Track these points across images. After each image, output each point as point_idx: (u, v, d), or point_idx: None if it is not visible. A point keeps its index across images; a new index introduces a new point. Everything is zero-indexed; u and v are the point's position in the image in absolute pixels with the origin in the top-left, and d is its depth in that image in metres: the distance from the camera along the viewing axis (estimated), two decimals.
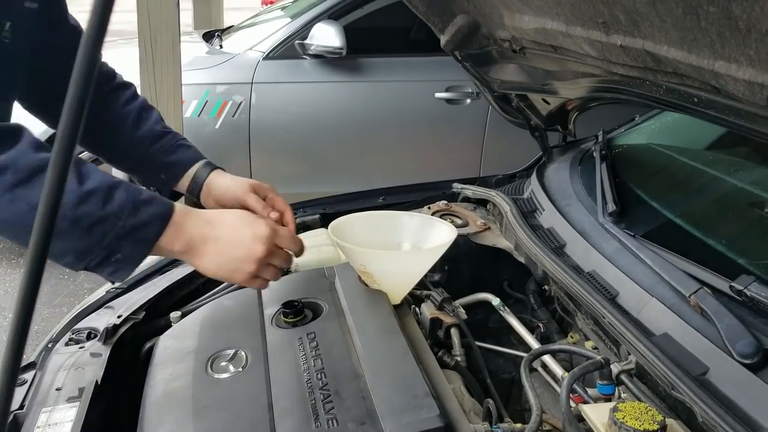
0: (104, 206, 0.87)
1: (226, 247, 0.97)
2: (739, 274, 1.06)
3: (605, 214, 1.42)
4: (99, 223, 0.87)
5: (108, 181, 0.89)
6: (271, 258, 1.01)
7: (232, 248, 0.97)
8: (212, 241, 0.96)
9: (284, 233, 1.04)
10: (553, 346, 1.23)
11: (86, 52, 0.33)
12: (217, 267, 0.98)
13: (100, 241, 0.88)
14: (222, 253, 0.97)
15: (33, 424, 1.05)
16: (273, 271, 1.04)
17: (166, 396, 1.03)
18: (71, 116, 0.34)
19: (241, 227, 0.99)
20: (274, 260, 1.03)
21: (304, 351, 1.11)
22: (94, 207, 0.86)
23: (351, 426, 0.92)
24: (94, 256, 0.90)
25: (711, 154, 1.72)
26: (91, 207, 0.86)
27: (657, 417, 0.86)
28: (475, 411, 1.12)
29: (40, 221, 0.35)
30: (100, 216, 0.87)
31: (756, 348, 0.95)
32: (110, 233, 0.88)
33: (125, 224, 0.89)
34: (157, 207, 0.92)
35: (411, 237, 1.36)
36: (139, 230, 0.90)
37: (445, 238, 1.27)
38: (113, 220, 0.88)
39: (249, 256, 0.98)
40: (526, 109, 1.81)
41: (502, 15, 1.28)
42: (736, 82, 0.79)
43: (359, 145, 3.74)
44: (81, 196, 0.86)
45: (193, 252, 0.96)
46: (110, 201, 0.87)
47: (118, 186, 0.89)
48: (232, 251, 0.97)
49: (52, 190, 0.35)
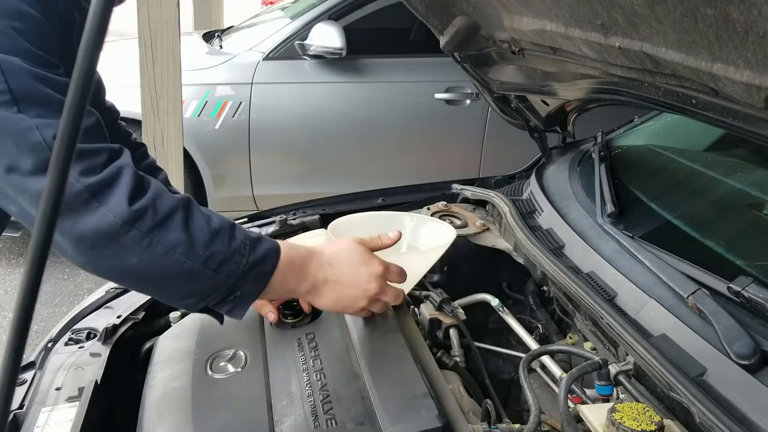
0: (230, 244, 0.88)
1: (344, 288, 1.03)
2: (737, 275, 1.06)
3: (604, 216, 1.42)
4: (227, 261, 0.88)
5: (225, 220, 0.91)
6: (381, 295, 1.06)
7: (349, 288, 1.03)
8: (332, 282, 1.02)
9: (395, 270, 1.08)
10: (552, 347, 1.23)
11: (85, 54, 0.33)
12: (333, 304, 1.05)
13: (227, 279, 0.89)
14: (339, 292, 1.03)
15: (33, 423, 1.05)
16: (381, 306, 1.10)
17: (165, 396, 1.04)
18: (72, 116, 0.34)
19: (358, 266, 1.03)
20: (384, 297, 1.08)
21: (303, 351, 1.11)
22: (222, 245, 0.87)
23: (350, 426, 0.92)
24: (217, 295, 0.91)
25: (709, 156, 1.72)
26: (219, 245, 0.87)
27: (655, 418, 0.86)
28: (473, 411, 1.12)
29: (40, 221, 0.35)
30: (227, 253, 0.88)
31: (753, 349, 0.95)
32: (236, 271, 0.89)
33: (248, 260, 0.90)
34: (267, 243, 0.94)
35: (410, 238, 1.36)
36: (258, 266, 0.92)
37: (444, 240, 1.28)
38: (238, 258, 0.89)
39: (363, 294, 1.04)
40: (525, 110, 1.81)
41: (501, 16, 1.28)
42: (733, 84, 0.79)
43: (359, 145, 3.74)
44: (211, 235, 0.87)
45: (315, 292, 1.02)
46: (234, 239, 0.89)
47: (234, 224, 0.91)
48: (349, 291, 1.03)
49: (53, 190, 0.35)
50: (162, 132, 2.84)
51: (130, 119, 3.23)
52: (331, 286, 1.01)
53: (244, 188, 3.66)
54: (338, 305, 1.05)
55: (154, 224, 0.82)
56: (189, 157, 3.42)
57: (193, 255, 0.84)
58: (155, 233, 0.82)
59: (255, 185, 3.66)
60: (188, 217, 0.85)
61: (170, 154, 2.88)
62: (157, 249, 0.82)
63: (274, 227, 1.76)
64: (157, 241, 0.82)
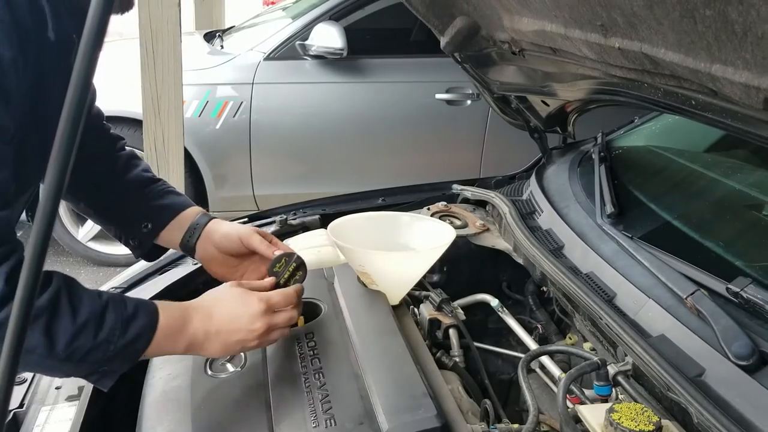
0: (96, 335, 0.86)
1: (228, 335, 0.99)
2: (735, 276, 1.06)
3: (604, 216, 1.42)
4: (92, 351, 0.87)
5: (98, 305, 0.88)
6: (272, 328, 1.03)
7: (234, 334, 1.00)
8: (215, 333, 0.98)
9: (278, 299, 1.04)
10: (551, 347, 1.23)
11: (84, 56, 0.33)
12: (222, 351, 1.02)
13: (91, 366, 0.89)
14: (225, 340, 1.00)
15: (33, 422, 1.06)
16: (279, 334, 1.06)
17: (164, 395, 1.04)
18: (68, 129, 0.35)
19: (236, 310, 1.00)
20: (277, 328, 1.05)
21: (302, 351, 1.11)
22: (86, 340, 0.86)
23: (349, 426, 0.92)
24: (81, 374, 0.91)
25: (709, 157, 1.72)
26: (83, 340, 0.85)
27: (653, 418, 0.87)
28: (473, 411, 1.12)
29: (39, 219, 0.35)
30: (92, 345, 0.86)
31: (751, 350, 0.95)
32: (102, 358, 0.88)
33: (116, 345, 0.88)
34: (143, 318, 0.91)
35: (410, 238, 1.36)
36: (128, 347, 0.90)
37: (444, 239, 1.28)
38: (105, 346, 0.87)
39: (250, 334, 1.01)
40: (525, 111, 1.81)
41: (501, 17, 1.29)
42: (732, 85, 0.79)
43: (359, 145, 3.74)
44: (75, 333, 0.85)
45: (197, 347, 0.98)
46: (102, 328, 0.87)
47: (107, 307, 0.88)
48: (234, 336, 1.00)
49: (51, 192, 0.35)
50: (163, 132, 2.84)
51: (131, 119, 3.25)
52: (214, 338, 0.98)
53: (244, 188, 3.66)
54: (228, 351, 1.02)
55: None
56: (190, 157, 3.42)
57: (54, 354, 0.84)
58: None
59: (256, 185, 3.66)
60: (52, 319, 0.83)
61: (171, 154, 2.88)
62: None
63: (274, 227, 1.77)
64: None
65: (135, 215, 1.20)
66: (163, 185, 1.25)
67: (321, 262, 1.54)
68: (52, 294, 0.83)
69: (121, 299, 0.92)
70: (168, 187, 1.25)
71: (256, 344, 1.03)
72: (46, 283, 0.83)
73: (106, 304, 0.88)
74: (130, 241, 1.23)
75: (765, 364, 0.95)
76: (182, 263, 1.58)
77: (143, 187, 1.22)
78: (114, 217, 1.24)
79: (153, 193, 1.22)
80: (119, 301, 0.91)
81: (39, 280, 0.36)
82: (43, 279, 0.81)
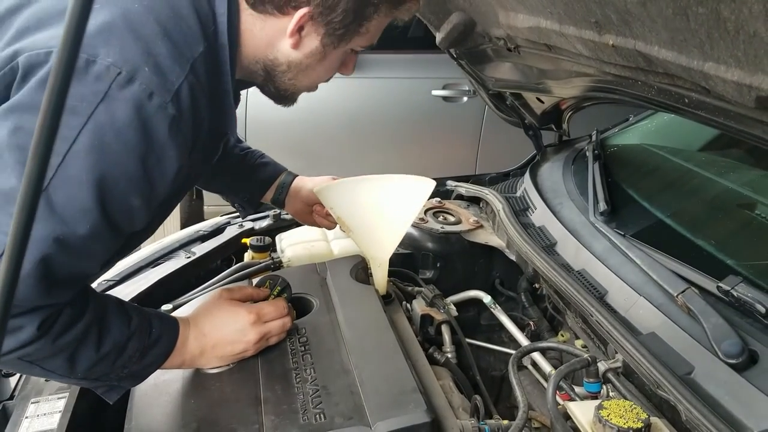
0: (115, 362, 0.91)
1: (224, 347, 1.05)
2: (726, 274, 1.07)
3: (596, 214, 1.42)
4: (107, 374, 0.93)
5: (124, 335, 0.91)
6: (264, 336, 1.08)
7: (229, 346, 1.05)
8: (210, 347, 1.03)
9: (268, 310, 1.08)
10: (541, 344, 1.23)
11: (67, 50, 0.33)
12: (220, 362, 1.06)
13: (103, 383, 0.95)
14: (221, 352, 1.05)
15: (22, 414, 1.05)
16: (274, 339, 1.10)
17: (155, 388, 1.04)
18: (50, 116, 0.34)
19: (228, 325, 1.05)
20: (270, 334, 1.09)
21: (293, 346, 1.11)
22: (105, 366, 0.91)
23: (338, 421, 0.93)
24: (90, 387, 0.97)
25: (702, 156, 1.73)
26: (101, 366, 0.90)
27: (642, 415, 0.87)
28: (463, 407, 1.12)
29: (20, 208, 0.35)
30: (110, 370, 0.92)
31: (741, 348, 0.96)
32: (114, 377, 0.94)
33: (131, 370, 0.94)
34: (162, 347, 0.97)
35: (391, 198, 1.38)
36: (142, 371, 0.97)
37: (424, 191, 1.31)
38: (120, 370, 0.93)
39: (245, 345, 1.06)
40: (520, 108, 1.81)
41: (497, 13, 1.28)
42: (725, 84, 0.79)
43: (355, 141, 3.74)
44: (95, 362, 0.89)
45: (195, 361, 1.03)
46: (121, 356, 0.92)
47: (132, 337, 0.92)
48: (230, 348, 1.05)
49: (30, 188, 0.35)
50: None
51: None
52: (211, 351, 1.03)
53: None
54: (226, 360, 1.06)
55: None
56: None
57: (72, 375, 0.90)
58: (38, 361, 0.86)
59: None
60: (77, 350, 0.87)
61: None
62: (35, 370, 0.88)
63: (267, 221, 1.77)
64: (38, 363, 0.86)
65: (239, 190, 1.43)
66: (253, 158, 1.41)
67: (313, 256, 1.54)
68: (84, 328, 0.87)
69: (147, 326, 0.95)
70: (257, 159, 1.42)
71: (253, 352, 1.07)
72: (80, 314, 0.87)
73: (131, 335, 0.92)
74: (235, 206, 1.47)
75: (754, 363, 0.95)
76: (175, 256, 1.58)
77: (239, 164, 1.39)
78: (223, 192, 1.46)
79: (249, 168, 1.40)
80: (145, 329, 0.94)
81: (20, 266, 0.36)
82: (78, 309, 0.86)
